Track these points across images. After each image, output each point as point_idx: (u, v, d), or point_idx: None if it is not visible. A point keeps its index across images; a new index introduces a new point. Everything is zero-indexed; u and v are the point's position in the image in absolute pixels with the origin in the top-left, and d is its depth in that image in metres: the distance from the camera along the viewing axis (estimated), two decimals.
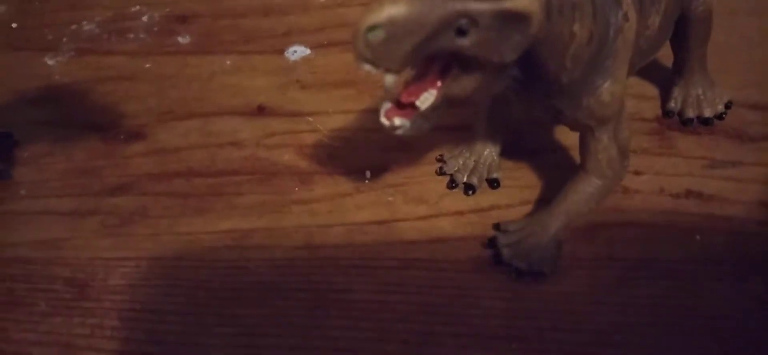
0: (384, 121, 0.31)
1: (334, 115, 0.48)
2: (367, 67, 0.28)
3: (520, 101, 0.35)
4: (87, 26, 0.59)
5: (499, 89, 0.32)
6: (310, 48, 0.54)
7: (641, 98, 0.45)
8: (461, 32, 0.27)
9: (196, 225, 0.42)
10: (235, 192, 0.44)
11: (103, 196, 0.44)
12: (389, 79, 0.28)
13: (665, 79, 0.45)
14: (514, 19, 0.28)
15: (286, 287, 0.38)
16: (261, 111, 0.49)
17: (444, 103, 0.30)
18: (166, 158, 0.46)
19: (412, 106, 0.30)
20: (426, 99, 0.30)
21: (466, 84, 0.30)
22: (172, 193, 0.44)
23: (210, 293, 0.38)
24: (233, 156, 0.46)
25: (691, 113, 0.43)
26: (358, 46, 0.27)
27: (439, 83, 0.30)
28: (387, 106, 0.31)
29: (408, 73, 0.30)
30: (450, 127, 0.44)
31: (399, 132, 0.31)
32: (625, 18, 0.32)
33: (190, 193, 0.44)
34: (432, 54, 0.28)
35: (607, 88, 0.33)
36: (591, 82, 0.33)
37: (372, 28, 0.27)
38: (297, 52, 0.54)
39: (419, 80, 0.30)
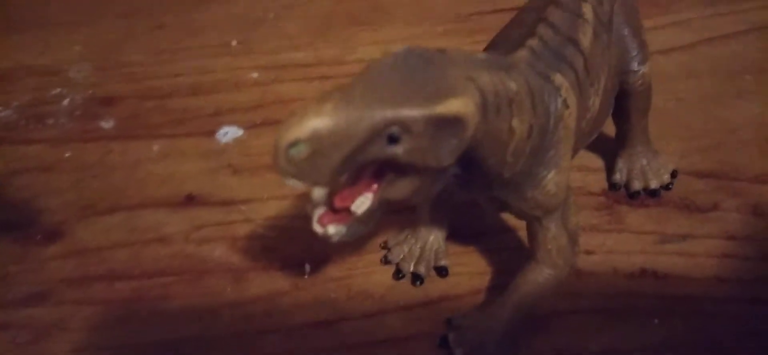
0: (317, 228, 0.28)
1: (269, 201, 0.45)
2: (292, 182, 0.25)
3: (464, 192, 0.33)
4: (3, 112, 0.55)
5: (439, 189, 0.30)
6: (243, 128, 0.51)
7: (586, 171, 0.44)
8: (393, 140, 0.25)
9: (120, 337, 0.38)
10: (161, 296, 0.40)
11: (15, 307, 0.40)
12: (317, 193, 0.26)
13: (609, 151, 0.44)
14: (449, 123, 0.26)
15: None
16: (190, 201, 0.46)
17: (381, 206, 0.28)
18: (87, 260, 0.43)
19: (347, 210, 0.28)
20: (361, 204, 0.28)
21: (403, 187, 0.28)
22: (92, 300, 0.40)
23: None
24: (160, 254, 0.42)
25: (637, 186, 0.42)
26: (279, 162, 0.25)
27: (374, 186, 0.28)
28: (320, 211, 0.28)
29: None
30: (393, 210, 0.41)
31: (334, 239, 0.28)
32: (565, 105, 0.31)
33: (112, 299, 0.40)
34: (363, 164, 0.26)
35: (551, 179, 0.31)
36: (534, 174, 0.31)
37: (294, 143, 0.24)
38: (228, 133, 0.51)
39: (353, 183, 0.28)
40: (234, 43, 0.59)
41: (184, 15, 0.62)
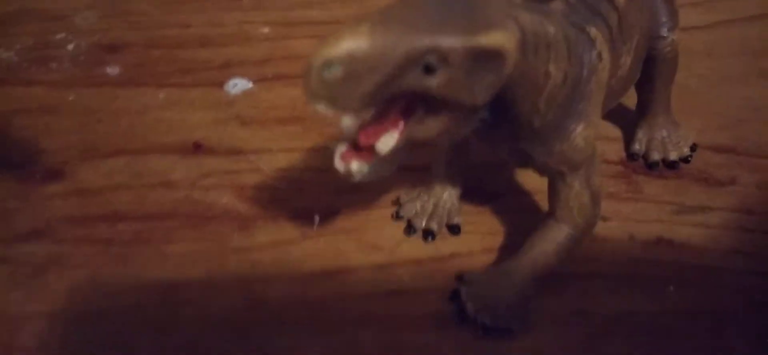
0: (339, 165, 0.27)
1: (279, 153, 0.44)
2: (321, 107, 0.24)
3: (486, 144, 0.32)
4: (4, 54, 0.54)
5: (466, 132, 0.29)
6: (252, 81, 0.50)
7: (604, 140, 0.43)
8: (429, 70, 0.24)
9: (120, 277, 0.37)
10: (165, 239, 0.39)
11: (14, 242, 0.39)
12: (347, 120, 0.25)
13: (628, 121, 0.44)
14: (488, 57, 0.25)
15: (223, 348, 0.33)
16: (197, 149, 0.45)
17: (406, 146, 0.27)
18: (88, 200, 0.42)
19: (371, 148, 0.27)
20: (387, 142, 0.27)
21: (431, 126, 0.27)
22: (93, 239, 0.39)
23: None
24: (164, 198, 0.41)
25: (656, 156, 0.42)
26: (311, 83, 0.24)
27: (401, 124, 0.27)
28: (342, 148, 0.28)
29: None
30: (406, 167, 0.41)
31: (356, 178, 0.27)
32: (599, 57, 0.31)
33: (114, 240, 0.39)
34: (396, 94, 0.25)
35: (580, 133, 0.31)
36: (564, 127, 0.30)
37: (328, 64, 0.23)
38: (237, 85, 0.50)
39: (379, 120, 0.27)
40: None
41: None
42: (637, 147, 0.42)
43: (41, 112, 0.48)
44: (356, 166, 0.27)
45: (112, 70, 0.52)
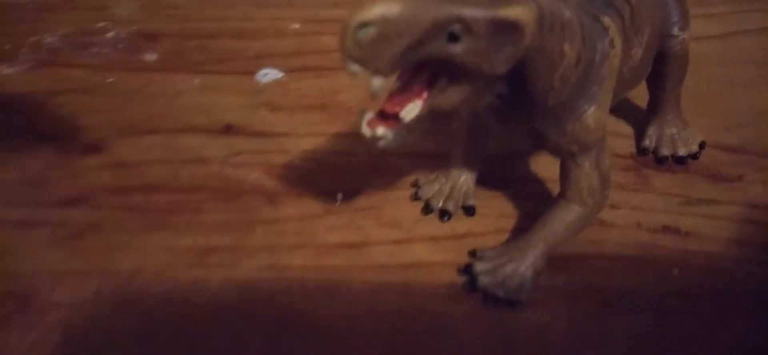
0: (366, 130, 0.29)
1: (306, 137, 0.46)
2: (355, 67, 0.27)
3: (503, 124, 0.34)
4: (48, 39, 0.58)
5: (484, 103, 0.31)
6: (282, 72, 0.53)
7: (616, 135, 0.45)
8: (453, 38, 0.27)
9: (153, 240, 0.39)
10: (196, 209, 0.41)
11: (54, 207, 0.42)
12: (376, 82, 0.27)
13: (639, 118, 0.45)
14: (508, 28, 0.27)
15: (248, 308, 0.36)
16: (228, 130, 0.47)
17: (429, 115, 0.29)
18: (125, 172, 0.44)
19: (396, 117, 0.29)
20: (411, 110, 0.29)
21: (452, 96, 0.29)
22: (128, 207, 0.42)
23: (164, 313, 0.35)
24: (197, 173, 0.44)
25: (665, 152, 0.43)
26: (346, 43, 0.26)
27: (424, 94, 0.29)
28: (369, 115, 0.30)
29: (392, 83, 0.29)
30: (425, 154, 0.43)
31: (381, 143, 0.29)
32: (612, 45, 0.32)
33: (149, 208, 0.41)
34: (422, 60, 0.27)
35: (591, 114, 0.33)
36: (576, 107, 0.32)
37: (363, 25, 0.26)
38: (268, 75, 0.52)
39: (404, 91, 0.29)
40: None
41: None
42: (647, 143, 0.44)
43: (82, 92, 0.51)
44: (381, 131, 0.29)
45: (150, 57, 0.55)
